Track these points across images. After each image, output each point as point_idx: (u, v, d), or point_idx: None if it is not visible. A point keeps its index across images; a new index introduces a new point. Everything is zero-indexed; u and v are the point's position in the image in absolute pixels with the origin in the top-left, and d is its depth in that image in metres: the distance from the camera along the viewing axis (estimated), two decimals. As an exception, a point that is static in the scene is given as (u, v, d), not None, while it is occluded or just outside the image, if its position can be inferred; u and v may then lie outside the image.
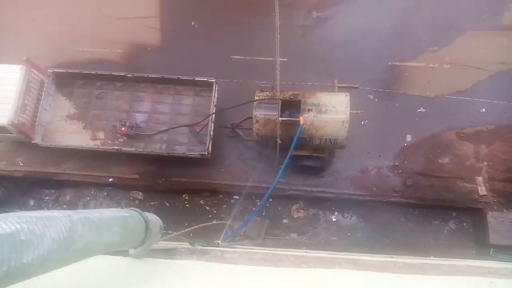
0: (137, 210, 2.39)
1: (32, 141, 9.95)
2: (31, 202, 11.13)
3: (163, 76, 10.34)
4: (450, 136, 10.57)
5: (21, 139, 10.06)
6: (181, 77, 10.31)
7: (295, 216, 10.54)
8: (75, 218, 1.62)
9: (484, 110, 10.63)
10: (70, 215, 1.61)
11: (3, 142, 10.76)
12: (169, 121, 10.46)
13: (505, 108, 10.60)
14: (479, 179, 10.17)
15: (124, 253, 2.63)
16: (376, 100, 10.93)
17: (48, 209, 11.05)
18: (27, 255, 1.29)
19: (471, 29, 11.26)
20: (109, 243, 1.95)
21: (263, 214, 10.48)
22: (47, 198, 11.20)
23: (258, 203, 9.72)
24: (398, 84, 11.03)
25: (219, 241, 6.10)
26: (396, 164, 10.41)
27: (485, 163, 10.29)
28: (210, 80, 10.08)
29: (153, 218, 2.54)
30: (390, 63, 11.20)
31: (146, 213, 2.46)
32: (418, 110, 10.78)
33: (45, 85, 10.34)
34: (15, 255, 1.24)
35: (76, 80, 10.75)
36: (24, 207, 11.04)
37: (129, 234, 2.17)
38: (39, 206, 11.08)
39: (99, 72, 10.51)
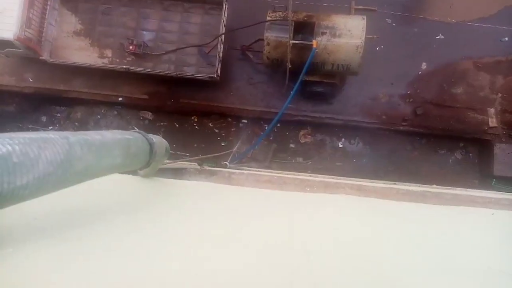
0: (141, 133, 2.36)
1: (40, 57, 9.82)
2: (43, 118, 11.33)
3: (170, -8, 9.84)
4: (466, 65, 10.19)
5: (28, 54, 9.91)
6: (189, -7, 9.80)
7: (302, 141, 10.66)
8: (73, 140, 1.56)
9: (506, 39, 10.09)
10: (68, 137, 1.56)
11: (11, 58, 10.65)
12: (177, 40, 10.16)
13: (529, 38, 10.07)
14: (491, 110, 10.01)
15: (133, 172, 2.69)
16: (394, 24, 10.39)
17: (60, 125, 11.27)
18: (21, 177, 1.26)
19: None
20: (110, 166, 1.92)
21: (271, 138, 10.61)
22: (58, 115, 11.37)
23: (266, 127, 9.79)
24: (419, 8, 10.39)
25: (227, 163, 6.24)
26: (408, 92, 10.21)
27: (500, 94, 10.05)
28: (220, -3, 9.59)
29: (158, 141, 2.52)
30: (412, -16, 10.46)
31: (151, 135, 2.44)
32: (437, 37, 10.29)
33: (49, -2, 9.94)
34: (8, 177, 1.22)
35: (81, -7, 10.30)
36: (37, 123, 11.27)
37: (131, 157, 2.13)
38: (51, 122, 11.30)
39: (104, -15, 10.02)
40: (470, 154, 10.37)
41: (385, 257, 1.90)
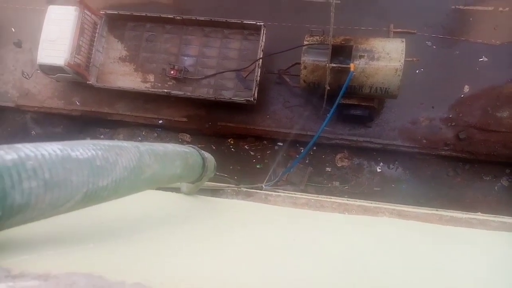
0: (195, 148, 2.51)
1: (87, 82, 10.40)
2: (88, 140, 11.86)
3: (211, 19, 10.21)
4: (513, 88, 9.81)
5: (77, 79, 10.53)
6: (229, 20, 10.12)
7: (338, 165, 10.52)
8: (142, 149, 1.71)
9: (555, 60, 9.67)
10: (138, 146, 1.70)
11: (61, 83, 11.34)
12: (216, 65, 10.47)
13: None
14: (541, 135, 9.51)
15: (176, 190, 2.80)
16: (434, 47, 10.22)
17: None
18: (102, 179, 1.39)
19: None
20: (172, 175, 2.05)
21: (307, 161, 10.55)
22: (102, 136, 11.88)
23: (302, 150, 9.76)
24: (461, 30, 10.18)
25: (263, 185, 6.24)
26: (450, 116, 9.91)
27: (549, 118, 9.55)
28: (258, 23, 9.83)
29: (209, 156, 2.68)
30: (453, 7, 10.28)
31: (203, 151, 2.57)
32: (480, 59, 10.00)
33: (98, 26, 10.59)
34: (93, 178, 1.34)
35: (127, 22, 10.89)
36: (82, 144, 11.79)
37: (189, 168, 2.28)
38: (95, 144, 11.79)
39: (149, 14, 10.55)
40: (518, 181, 9.82)
41: (440, 274, 1.86)
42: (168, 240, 1.86)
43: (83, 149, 1.35)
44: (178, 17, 10.37)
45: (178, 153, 2.14)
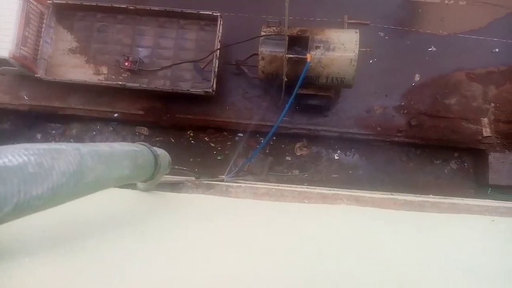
0: (146, 145, 2.38)
1: (35, 75, 9.85)
2: (38, 136, 11.29)
3: (165, 9, 9.94)
4: (459, 76, 10.34)
5: (23, 72, 9.94)
6: (184, 10, 9.91)
7: (298, 154, 10.69)
8: (84, 151, 1.59)
9: (497, 50, 10.28)
10: (79, 148, 1.58)
11: (6, 76, 10.67)
12: (172, 56, 10.25)
13: (519, 48, 10.26)
14: (485, 120, 10.13)
15: (132, 186, 2.70)
16: (386, 37, 10.55)
17: (55, 142, 11.23)
18: (36, 187, 1.28)
19: (492, -39, 10.56)
20: (119, 177, 1.93)
21: (267, 151, 10.63)
22: (53, 132, 11.34)
23: (262, 141, 9.83)
24: (411, 21, 10.57)
25: (224, 176, 6.23)
26: (402, 104, 10.32)
27: (493, 104, 10.18)
28: (215, 14, 9.70)
29: (162, 153, 2.54)
30: (403, -2, 10.67)
31: (155, 148, 2.46)
32: (429, 49, 10.45)
33: (45, 16, 10.02)
34: (24, 187, 1.23)
35: (77, 12, 10.38)
36: (32, 140, 11.20)
37: (139, 168, 2.16)
38: (46, 140, 11.24)
39: (99, 4, 10.11)
40: (465, 164, 10.44)
41: (394, 259, 1.93)
42: (119, 244, 1.77)
43: (12, 155, 1.24)
44: (131, 7, 10.02)
45: (126, 152, 2.03)
